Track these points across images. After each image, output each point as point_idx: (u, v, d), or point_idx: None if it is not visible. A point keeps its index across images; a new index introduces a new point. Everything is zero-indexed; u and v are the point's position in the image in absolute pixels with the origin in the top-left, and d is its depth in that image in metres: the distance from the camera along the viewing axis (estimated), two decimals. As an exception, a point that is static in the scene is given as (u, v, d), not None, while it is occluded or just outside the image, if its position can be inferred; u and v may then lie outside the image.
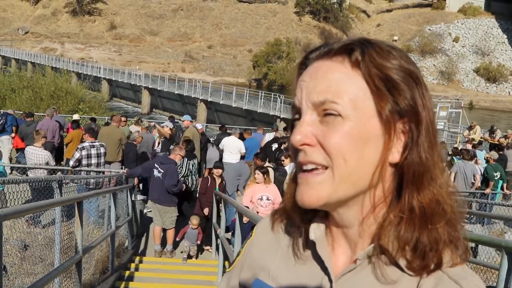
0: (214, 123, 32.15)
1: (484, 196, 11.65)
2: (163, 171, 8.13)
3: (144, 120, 19.85)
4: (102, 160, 9.19)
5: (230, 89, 37.14)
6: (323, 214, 0.87)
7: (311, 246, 0.88)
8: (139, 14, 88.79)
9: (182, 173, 9.36)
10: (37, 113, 18.27)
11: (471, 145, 15.74)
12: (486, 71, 74.77)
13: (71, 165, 8.97)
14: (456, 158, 12.26)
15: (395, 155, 0.79)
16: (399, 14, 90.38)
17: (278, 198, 7.23)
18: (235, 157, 11.66)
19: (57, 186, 6.27)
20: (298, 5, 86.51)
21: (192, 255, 8.24)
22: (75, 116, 15.38)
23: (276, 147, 11.95)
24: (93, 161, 9.01)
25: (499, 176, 11.94)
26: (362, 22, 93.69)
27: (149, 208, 9.84)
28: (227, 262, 6.53)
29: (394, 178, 0.80)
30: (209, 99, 37.13)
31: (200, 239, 8.25)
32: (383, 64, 0.78)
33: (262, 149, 12.51)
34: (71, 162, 8.99)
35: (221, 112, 37.16)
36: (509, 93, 73.82)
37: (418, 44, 78.94)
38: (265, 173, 7.37)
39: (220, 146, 12.48)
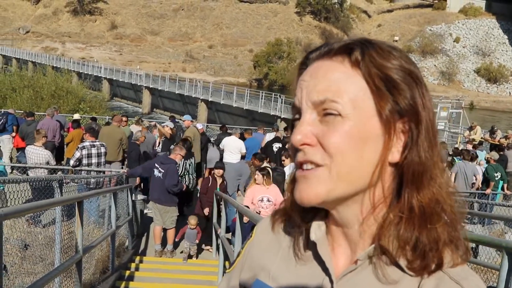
0: (214, 123, 32.14)
1: (484, 196, 11.66)
2: (163, 171, 8.13)
3: (145, 120, 19.84)
4: (103, 159, 9.19)
5: (231, 89, 37.12)
6: (323, 214, 0.87)
7: (311, 246, 0.88)
8: (140, 13, 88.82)
9: (178, 172, 9.33)
10: (37, 113, 18.28)
11: (471, 146, 15.74)
12: (487, 71, 74.75)
13: (71, 164, 8.98)
14: (457, 158, 12.27)
15: (395, 154, 0.79)
16: (400, 15, 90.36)
17: (279, 198, 7.17)
18: (235, 157, 11.66)
19: (57, 185, 6.27)
20: (299, 5, 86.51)
21: (192, 255, 8.24)
22: (76, 116, 15.40)
23: (279, 147, 11.95)
24: (94, 160, 9.01)
25: (499, 177, 11.94)
26: (363, 22, 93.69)
27: (149, 208, 9.84)
28: (227, 262, 6.52)
29: (394, 178, 0.80)
30: (209, 99, 37.10)
31: (199, 238, 8.25)
32: (383, 64, 0.78)
33: (262, 149, 12.50)
34: (71, 162, 9.00)
35: (222, 112, 37.15)
36: (509, 93, 73.79)
37: (419, 45, 78.91)
38: (264, 175, 7.33)
39: (221, 146, 12.47)
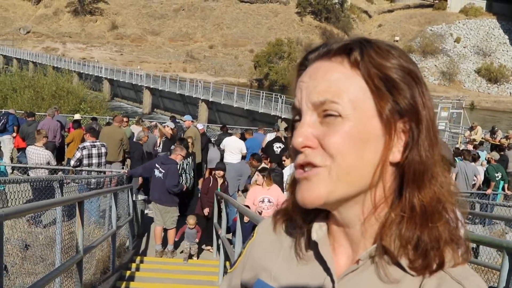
0: (215, 123, 32.12)
1: (485, 196, 11.65)
2: (164, 171, 8.13)
3: (145, 120, 19.83)
4: (103, 160, 9.20)
5: (232, 89, 37.13)
6: (324, 214, 0.87)
7: (313, 246, 0.88)
8: (140, 14, 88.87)
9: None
10: (38, 113, 18.28)
11: (472, 146, 15.73)
12: (488, 71, 74.74)
13: (72, 164, 8.98)
14: (458, 158, 12.26)
15: (396, 154, 0.79)
16: (400, 15, 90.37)
17: (281, 198, 7.12)
18: (236, 157, 11.66)
19: (58, 186, 6.27)
20: (299, 5, 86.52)
21: (193, 254, 8.25)
22: (76, 116, 15.39)
23: (281, 147, 11.94)
24: (94, 161, 9.02)
25: (500, 177, 11.94)
26: (364, 22, 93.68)
27: (150, 208, 9.83)
28: (228, 263, 6.53)
29: (395, 177, 0.80)
30: (210, 99, 37.09)
31: (199, 237, 8.25)
32: (382, 63, 0.78)
33: (263, 149, 12.50)
34: (72, 162, 9.00)
35: (223, 112, 37.16)
36: (510, 93, 73.78)
37: (419, 45, 78.91)
38: (265, 175, 7.31)
39: (221, 146, 12.47)
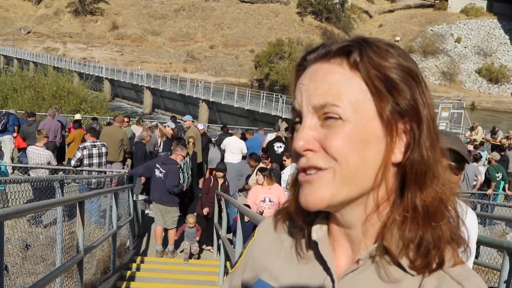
0: (216, 123, 32.12)
1: (486, 197, 11.65)
2: (164, 171, 8.13)
3: (146, 120, 19.82)
4: (104, 160, 9.20)
5: (232, 89, 37.13)
6: (324, 215, 0.87)
7: (313, 246, 0.88)
8: (141, 14, 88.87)
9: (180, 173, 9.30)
10: (39, 113, 18.28)
11: (473, 146, 15.72)
12: (488, 72, 74.68)
13: (72, 164, 8.98)
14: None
15: (398, 155, 0.78)
16: (401, 15, 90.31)
17: (282, 198, 7.11)
18: (236, 157, 11.67)
19: (58, 185, 6.28)
20: (300, 5, 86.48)
21: (194, 253, 8.24)
22: (77, 116, 15.39)
23: (282, 147, 11.93)
24: (95, 160, 9.02)
25: (501, 177, 11.93)
26: (364, 22, 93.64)
27: (150, 208, 9.83)
28: (228, 263, 6.53)
29: (397, 178, 0.80)
30: (211, 99, 37.10)
31: (199, 236, 8.26)
32: (381, 64, 0.77)
33: (264, 149, 12.50)
34: (72, 162, 9.01)
35: (223, 112, 37.15)
36: (511, 94, 73.71)
37: (420, 45, 78.87)
38: (265, 175, 7.31)
39: (222, 146, 12.47)
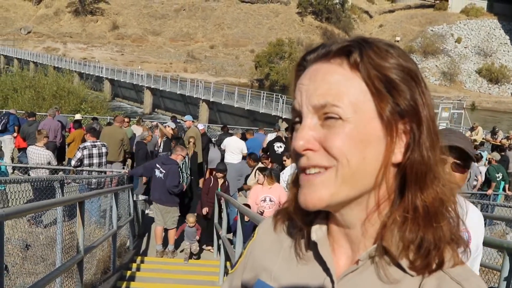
0: (216, 123, 32.12)
1: (486, 197, 11.64)
2: (164, 171, 8.13)
3: (146, 120, 19.81)
4: (104, 159, 9.20)
5: (232, 90, 37.12)
6: (324, 215, 0.87)
7: (313, 247, 0.88)
8: (141, 14, 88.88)
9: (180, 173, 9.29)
10: (39, 113, 18.28)
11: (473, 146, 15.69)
12: (489, 72, 74.66)
13: (72, 164, 8.99)
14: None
15: (398, 155, 0.78)
16: (401, 15, 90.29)
17: (282, 197, 7.09)
18: (236, 157, 11.67)
19: (58, 186, 6.28)
20: (300, 5, 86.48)
21: (194, 252, 8.24)
22: (77, 116, 15.38)
23: (282, 147, 11.92)
24: (95, 160, 9.02)
25: (501, 177, 11.93)
26: (365, 22, 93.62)
27: (151, 208, 9.83)
28: (228, 263, 6.53)
29: (397, 178, 0.80)
30: (211, 99, 37.10)
31: (199, 235, 8.25)
32: (381, 64, 0.77)
33: (264, 149, 12.50)
34: (72, 162, 9.01)
35: (223, 113, 37.15)
36: (511, 94, 73.70)
37: (420, 45, 78.84)
38: (266, 174, 7.31)
39: (222, 146, 12.47)
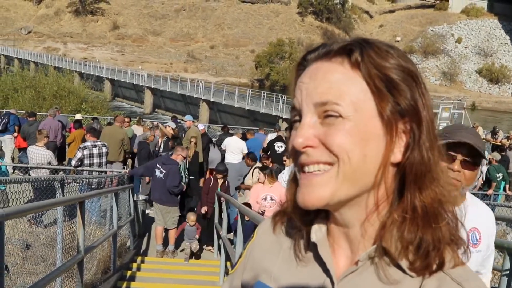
0: (216, 123, 32.12)
1: (486, 197, 11.64)
2: (165, 171, 8.13)
3: (146, 120, 19.80)
4: (104, 159, 9.20)
5: (233, 90, 37.11)
6: (323, 215, 0.87)
7: (312, 247, 0.87)
8: (141, 14, 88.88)
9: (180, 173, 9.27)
10: (39, 113, 18.28)
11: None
12: (489, 72, 74.66)
13: (73, 164, 8.99)
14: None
15: (397, 155, 0.78)
16: (401, 15, 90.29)
17: (284, 196, 7.10)
18: (237, 157, 11.66)
19: (59, 185, 6.27)
20: (300, 5, 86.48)
21: (194, 251, 8.23)
22: (78, 116, 15.39)
23: (282, 146, 11.92)
24: (95, 160, 9.02)
25: (501, 177, 11.93)
26: (365, 22, 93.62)
27: (151, 208, 9.82)
28: (229, 263, 6.53)
29: (396, 178, 0.80)
30: (211, 99, 37.09)
31: (198, 234, 8.25)
32: (382, 64, 0.77)
33: (264, 149, 12.50)
34: (73, 162, 9.01)
35: (224, 113, 37.15)
36: (511, 94, 73.68)
37: (420, 45, 78.83)
38: (266, 173, 7.31)
39: (222, 146, 12.47)
